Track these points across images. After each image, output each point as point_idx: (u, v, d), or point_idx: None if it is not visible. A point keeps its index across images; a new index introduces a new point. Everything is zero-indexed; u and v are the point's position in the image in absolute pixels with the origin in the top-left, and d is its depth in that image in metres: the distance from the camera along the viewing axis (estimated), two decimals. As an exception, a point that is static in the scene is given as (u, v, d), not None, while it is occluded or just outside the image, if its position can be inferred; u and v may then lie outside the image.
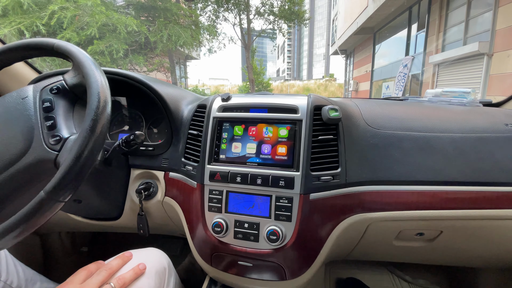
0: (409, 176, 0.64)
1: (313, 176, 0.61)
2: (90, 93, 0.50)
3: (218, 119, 0.70)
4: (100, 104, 0.49)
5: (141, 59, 3.79)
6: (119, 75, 0.75)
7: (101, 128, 0.48)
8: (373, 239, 0.72)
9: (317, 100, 0.67)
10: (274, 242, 0.61)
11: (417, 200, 0.63)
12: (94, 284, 0.54)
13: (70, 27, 2.91)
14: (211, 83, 42.17)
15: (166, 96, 0.76)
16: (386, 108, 0.76)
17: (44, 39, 0.58)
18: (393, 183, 0.64)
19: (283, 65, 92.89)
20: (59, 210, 0.48)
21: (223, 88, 35.27)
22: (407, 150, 0.66)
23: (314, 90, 39.69)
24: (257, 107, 0.69)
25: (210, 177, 0.67)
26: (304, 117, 0.64)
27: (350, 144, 0.66)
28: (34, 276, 0.89)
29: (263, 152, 0.66)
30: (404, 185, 0.64)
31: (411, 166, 0.64)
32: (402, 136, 0.67)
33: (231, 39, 11.41)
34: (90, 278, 0.56)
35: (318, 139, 0.63)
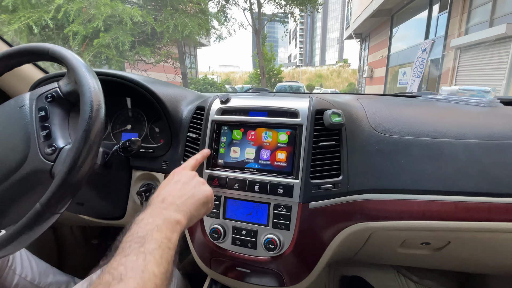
0: (416, 185, 0.60)
1: (313, 184, 0.59)
2: (82, 101, 0.49)
3: (217, 122, 0.68)
4: (93, 113, 0.48)
5: (148, 51, 3.75)
6: (116, 77, 0.74)
7: (94, 137, 0.47)
8: (376, 246, 0.70)
9: (319, 104, 0.63)
10: (271, 251, 0.60)
11: (423, 210, 0.60)
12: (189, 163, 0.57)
13: (77, 20, 2.90)
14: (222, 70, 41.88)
15: (164, 97, 0.74)
16: (395, 110, 0.72)
17: (40, 44, 0.57)
18: (399, 191, 0.61)
19: (295, 50, 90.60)
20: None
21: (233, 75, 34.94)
22: (415, 157, 0.62)
23: (326, 76, 38.65)
24: (257, 110, 0.67)
25: (208, 182, 0.66)
26: (304, 122, 0.61)
27: (354, 150, 0.63)
28: (47, 269, 0.93)
29: (262, 157, 0.64)
30: (410, 194, 0.61)
31: (419, 175, 0.61)
32: (411, 141, 0.63)
33: (241, 25, 11.15)
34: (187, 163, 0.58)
35: (319, 145, 0.60)
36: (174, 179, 0.51)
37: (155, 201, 0.46)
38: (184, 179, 0.51)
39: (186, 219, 0.44)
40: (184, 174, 0.52)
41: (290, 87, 13.32)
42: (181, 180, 0.51)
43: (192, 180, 0.51)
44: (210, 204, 0.52)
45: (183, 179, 0.51)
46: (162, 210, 0.43)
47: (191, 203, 0.47)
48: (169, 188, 0.48)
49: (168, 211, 0.43)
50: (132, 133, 0.93)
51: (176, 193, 0.47)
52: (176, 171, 0.54)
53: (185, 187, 0.49)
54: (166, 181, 0.51)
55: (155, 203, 0.45)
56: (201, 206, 0.49)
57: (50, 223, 0.47)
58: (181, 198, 0.47)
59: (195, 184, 0.51)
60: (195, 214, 0.47)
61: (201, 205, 0.49)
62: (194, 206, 0.47)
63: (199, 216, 0.49)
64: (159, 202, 0.45)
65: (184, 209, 0.45)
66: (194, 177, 0.52)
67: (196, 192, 0.49)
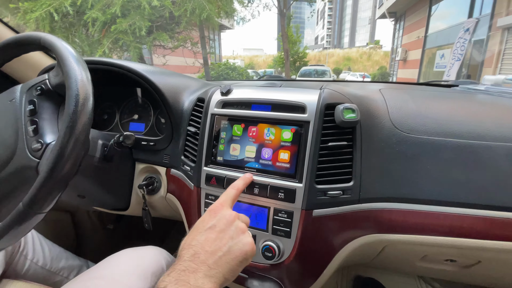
0: (443, 195, 0.51)
1: (318, 190, 0.52)
2: (68, 94, 0.45)
3: (217, 116, 0.62)
4: (78, 107, 0.44)
5: (165, 36, 3.70)
6: (114, 66, 0.70)
7: (79, 134, 0.44)
8: (391, 258, 0.62)
9: (330, 97, 0.55)
10: (269, 259, 0.55)
11: (451, 225, 0.51)
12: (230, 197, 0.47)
13: (96, 6, 2.91)
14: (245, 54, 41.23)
15: (163, 87, 0.70)
16: (423, 104, 0.61)
17: (31, 33, 0.54)
18: (421, 202, 0.52)
19: (323, 32, 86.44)
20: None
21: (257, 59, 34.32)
22: (445, 163, 0.52)
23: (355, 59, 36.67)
24: (260, 103, 0.60)
25: (206, 180, 0.61)
26: (312, 118, 0.53)
27: (369, 152, 0.55)
28: (60, 254, 0.96)
29: (263, 157, 0.57)
30: (436, 206, 0.52)
31: (448, 184, 0.51)
32: (440, 143, 0.53)
33: (266, 6, 10.74)
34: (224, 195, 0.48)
35: (328, 145, 0.52)
36: (210, 224, 0.41)
37: (184, 255, 0.37)
38: (220, 225, 0.40)
39: (217, 286, 0.35)
40: (221, 217, 0.41)
41: (315, 71, 12.80)
42: (217, 226, 0.40)
43: (230, 227, 0.40)
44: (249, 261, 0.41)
45: (220, 224, 0.40)
46: (189, 275, 0.34)
47: (226, 262, 0.37)
48: (201, 238, 0.39)
49: (196, 276, 0.34)
50: (139, 123, 0.90)
51: (209, 246, 0.38)
52: (214, 209, 0.43)
53: (221, 238, 0.39)
54: (200, 223, 0.42)
55: (183, 257, 0.36)
56: (237, 266, 0.38)
57: (36, 222, 0.45)
58: (214, 254, 0.37)
59: (233, 234, 0.40)
60: (228, 277, 0.37)
61: (238, 265, 0.38)
62: (228, 267, 0.37)
63: (234, 277, 0.38)
64: (189, 258, 0.36)
65: (216, 273, 0.36)
66: (233, 222, 0.41)
67: (233, 246, 0.39)
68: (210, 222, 0.41)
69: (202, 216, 0.43)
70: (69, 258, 0.98)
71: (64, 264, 0.95)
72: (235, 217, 0.42)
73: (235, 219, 0.42)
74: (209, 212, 0.43)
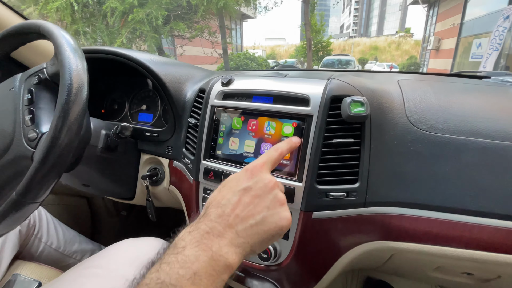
0: (463, 202, 0.45)
1: (319, 190, 0.48)
2: (61, 84, 0.45)
3: (216, 107, 0.60)
4: (70, 97, 0.43)
5: (182, 25, 3.67)
6: (115, 54, 0.69)
7: (71, 124, 0.43)
8: (401, 266, 0.57)
9: (337, 88, 0.50)
10: (265, 260, 0.52)
11: (469, 236, 0.45)
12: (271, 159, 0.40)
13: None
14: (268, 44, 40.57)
15: (165, 76, 0.68)
16: (446, 98, 0.54)
17: (32, 22, 0.54)
18: (436, 208, 0.46)
19: (349, 19, 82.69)
20: None
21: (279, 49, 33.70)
22: (467, 165, 0.46)
23: (383, 48, 34.87)
24: (261, 94, 0.56)
25: (204, 174, 0.59)
26: (315, 112, 0.49)
27: (379, 151, 0.49)
28: (74, 238, 1.00)
29: (262, 152, 0.54)
30: (452, 214, 0.46)
31: (470, 190, 0.45)
32: (463, 143, 0.47)
33: (289, -7, 10.37)
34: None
35: (332, 142, 0.48)
36: (245, 185, 0.35)
37: (211, 213, 0.32)
38: (257, 190, 0.34)
39: (242, 257, 0.31)
40: (259, 180, 0.35)
41: (339, 61, 12.32)
42: (253, 190, 0.34)
43: (267, 195, 0.34)
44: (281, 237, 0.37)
45: (257, 188, 0.35)
46: (213, 239, 0.30)
47: (257, 233, 0.32)
48: (234, 198, 0.34)
49: (221, 242, 0.30)
50: (148, 114, 0.90)
51: (241, 210, 0.33)
52: (252, 169, 0.37)
53: (256, 204, 0.34)
54: (233, 180, 0.36)
55: (209, 216, 0.32)
56: (268, 240, 0.33)
57: (29, 212, 0.46)
58: (245, 221, 0.32)
59: (270, 204, 0.34)
60: (257, 248, 0.33)
61: (269, 238, 0.33)
62: (258, 239, 0.32)
63: (258, 252, 0.34)
64: (216, 218, 0.32)
65: (243, 243, 0.31)
66: (272, 190, 0.35)
67: (268, 217, 0.33)
68: (245, 183, 0.35)
69: (237, 173, 0.37)
70: (82, 242, 1.02)
71: (77, 248, 0.99)
72: (275, 185, 0.35)
73: (275, 186, 0.35)
74: (245, 172, 0.36)
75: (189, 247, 0.29)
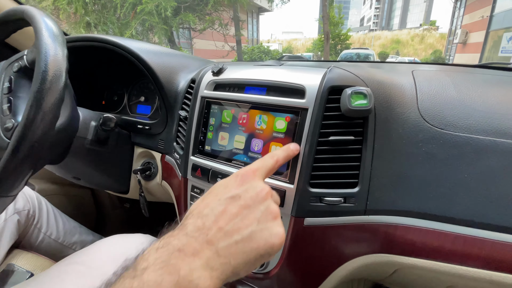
0: (483, 215, 0.38)
1: (313, 194, 0.42)
2: (35, 71, 0.41)
3: (207, 99, 0.55)
4: (44, 85, 0.40)
5: (191, 17, 3.61)
6: (102, 41, 0.65)
7: (44, 115, 0.40)
8: (408, 281, 0.50)
9: (338, 78, 0.43)
10: (252, 269, 0.47)
11: (489, 254, 0.38)
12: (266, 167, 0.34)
13: (126, -13, 2.96)
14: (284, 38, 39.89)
15: (156, 66, 0.63)
16: (468, 91, 0.46)
17: (16, 7, 0.51)
18: (451, 221, 0.39)
19: (370, 12, 79.72)
20: None
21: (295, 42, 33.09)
22: (491, 171, 0.38)
23: (406, 42, 33.38)
24: (253, 84, 0.50)
25: (192, 171, 0.55)
26: (311, 105, 0.43)
27: (384, 150, 0.42)
28: (74, 229, 1.00)
29: (253, 149, 0.49)
30: (470, 228, 0.39)
31: (493, 201, 0.38)
32: (487, 144, 0.39)
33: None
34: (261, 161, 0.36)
35: (329, 140, 0.42)
36: (233, 193, 0.29)
37: (188, 225, 0.27)
38: (247, 199, 0.29)
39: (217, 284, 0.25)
40: (250, 188, 0.30)
41: (357, 55, 11.89)
42: (243, 199, 0.29)
43: (258, 206, 0.29)
44: (271, 258, 0.30)
45: (247, 198, 0.29)
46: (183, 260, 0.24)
47: (242, 252, 0.26)
48: (219, 207, 0.28)
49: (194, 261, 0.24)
50: (146, 106, 0.87)
51: (225, 222, 0.27)
52: (243, 175, 0.31)
53: (244, 216, 0.28)
54: (220, 187, 0.31)
55: (186, 228, 0.26)
56: (255, 260, 0.27)
57: (4, 205, 0.43)
58: (230, 236, 0.26)
59: (261, 217, 0.28)
60: (239, 272, 0.26)
61: (257, 259, 0.27)
62: (244, 258, 0.26)
63: (242, 276, 0.27)
64: (193, 230, 0.26)
65: (224, 264, 0.25)
66: (264, 200, 0.29)
67: (258, 232, 0.27)
68: (234, 190, 0.30)
69: (225, 179, 0.32)
70: (83, 233, 1.01)
71: (77, 239, 0.98)
72: (268, 194, 0.30)
73: (267, 196, 0.30)
74: (235, 177, 0.31)
75: (151, 269, 0.23)
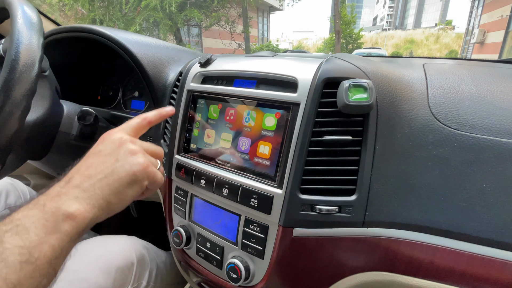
0: (507, 233, 0.32)
1: (303, 201, 0.37)
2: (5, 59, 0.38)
3: (193, 93, 0.50)
4: (13, 75, 0.37)
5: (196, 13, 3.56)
6: (84, 31, 0.61)
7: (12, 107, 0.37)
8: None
9: (335, 69, 0.38)
10: (235, 282, 0.42)
11: (510, 278, 0.32)
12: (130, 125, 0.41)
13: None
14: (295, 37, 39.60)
15: (144, 57, 0.59)
16: (489, 86, 0.39)
17: None
18: (465, 238, 0.33)
19: (383, 11, 78.17)
20: None
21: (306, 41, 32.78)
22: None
23: (420, 42, 32.51)
24: (243, 76, 0.45)
25: (176, 171, 0.51)
26: (303, 99, 0.37)
27: (387, 153, 0.37)
28: None
29: (240, 148, 0.44)
30: (487, 247, 0.33)
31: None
32: (511, 149, 0.33)
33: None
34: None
35: (322, 140, 0.36)
36: (96, 149, 0.36)
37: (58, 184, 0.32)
38: (107, 149, 0.35)
39: (93, 208, 0.31)
40: (110, 141, 0.36)
41: (369, 54, 11.66)
42: (103, 151, 0.35)
43: (118, 150, 0.35)
44: (146, 181, 0.36)
45: (107, 149, 0.36)
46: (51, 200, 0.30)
47: (107, 184, 0.33)
48: (83, 164, 0.34)
49: (60, 199, 0.30)
50: (140, 101, 0.84)
51: (88, 170, 0.33)
52: (104, 135, 0.38)
53: (105, 161, 0.34)
54: (90, 150, 0.37)
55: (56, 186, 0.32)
56: (123, 188, 0.34)
57: None
58: (93, 178, 0.33)
59: (120, 156, 0.35)
60: (114, 199, 0.33)
61: (124, 186, 0.34)
62: (111, 189, 0.33)
63: (124, 201, 0.34)
64: (61, 185, 0.32)
65: (92, 195, 0.31)
66: (122, 145, 0.36)
67: (118, 167, 0.34)
68: (97, 148, 0.36)
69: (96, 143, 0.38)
70: None
71: None
72: (125, 140, 0.36)
73: (125, 142, 0.36)
74: (99, 139, 0.38)
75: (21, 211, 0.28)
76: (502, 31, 9.12)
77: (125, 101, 0.86)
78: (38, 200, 0.30)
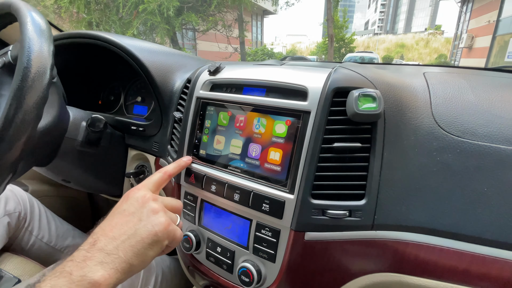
0: (507, 234, 0.34)
1: (315, 206, 0.38)
2: (17, 67, 0.38)
3: (202, 100, 0.51)
4: (25, 83, 0.38)
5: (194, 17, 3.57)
6: (96, 38, 0.62)
7: (24, 115, 0.38)
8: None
9: (344, 79, 0.40)
10: (247, 285, 0.43)
11: (511, 276, 0.34)
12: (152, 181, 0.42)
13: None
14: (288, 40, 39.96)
15: (151, 64, 0.60)
16: (488, 95, 0.42)
17: (2, 1, 0.48)
18: (468, 239, 0.35)
19: (374, 16, 79.62)
20: None
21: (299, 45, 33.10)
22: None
23: (410, 46, 33.23)
24: (252, 85, 0.47)
25: (185, 177, 0.51)
26: (314, 108, 0.39)
27: (394, 159, 0.39)
28: (67, 232, 0.96)
29: (250, 154, 0.45)
30: (490, 247, 0.35)
31: (516, 218, 0.33)
32: (510, 155, 0.35)
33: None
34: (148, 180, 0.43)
35: (333, 146, 0.38)
36: (120, 209, 0.37)
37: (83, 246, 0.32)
38: (131, 208, 0.36)
39: (116, 273, 0.31)
40: (133, 200, 0.37)
41: (362, 58, 11.82)
42: (127, 210, 0.36)
43: (141, 209, 0.36)
44: (166, 241, 0.36)
45: (130, 207, 0.36)
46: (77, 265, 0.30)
47: (130, 246, 0.33)
48: (107, 223, 0.35)
49: (85, 265, 0.30)
50: (143, 106, 0.84)
51: (112, 231, 0.34)
52: (128, 193, 0.39)
53: (128, 221, 0.35)
54: (113, 209, 0.38)
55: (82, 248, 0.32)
56: (145, 249, 0.34)
57: None
58: (116, 239, 0.33)
59: (143, 216, 0.35)
60: (136, 261, 0.33)
61: (146, 248, 0.34)
62: (134, 251, 0.33)
63: (145, 262, 0.34)
64: (85, 247, 0.32)
65: (115, 258, 0.32)
66: (145, 204, 0.36)
67: (140, 228, 0.34)
68: (121, 207, 0.37)
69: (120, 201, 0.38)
70: (76, 237, 0.98)
71: (70, 242, 0.94)
72: (148, 199, 0.37)
73: (148, 200, 0.37)
74: (123, 197, 0.38)
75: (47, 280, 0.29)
76: (490, 36, 9.41)
77: (127, 106, 0.87)
78: (64, 266, 0.30)
